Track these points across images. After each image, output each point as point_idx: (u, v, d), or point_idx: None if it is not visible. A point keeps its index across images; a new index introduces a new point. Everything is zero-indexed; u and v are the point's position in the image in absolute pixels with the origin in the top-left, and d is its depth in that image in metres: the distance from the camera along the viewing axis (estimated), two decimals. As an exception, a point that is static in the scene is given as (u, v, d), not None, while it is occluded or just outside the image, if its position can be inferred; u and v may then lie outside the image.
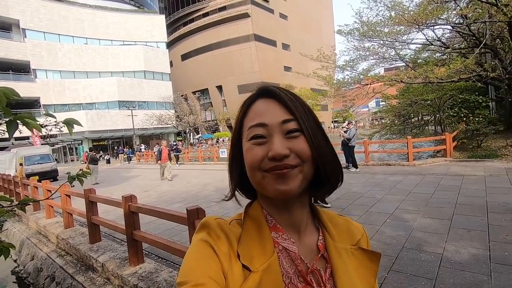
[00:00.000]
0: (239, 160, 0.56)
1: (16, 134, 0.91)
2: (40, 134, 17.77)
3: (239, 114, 0.57)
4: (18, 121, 0.85)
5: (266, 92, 0.54)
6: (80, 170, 1.31)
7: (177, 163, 18.11)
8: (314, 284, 0.51)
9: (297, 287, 0.50)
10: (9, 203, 1.16)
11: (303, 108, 0.53)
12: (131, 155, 27.82)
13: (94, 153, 13.57)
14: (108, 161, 26.35)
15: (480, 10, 10.11)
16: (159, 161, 11.99)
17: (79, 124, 1.07)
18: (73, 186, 4.57)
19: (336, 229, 0.59)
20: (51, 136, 25.26)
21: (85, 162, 14.74)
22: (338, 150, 9.73)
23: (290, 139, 0.51)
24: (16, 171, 15.96)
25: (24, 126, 0.90)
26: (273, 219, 0.55)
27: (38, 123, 0.94)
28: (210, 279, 0.45)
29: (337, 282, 0.52)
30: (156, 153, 13.95)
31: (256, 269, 0.48)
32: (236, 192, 0.61)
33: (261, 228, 0.53)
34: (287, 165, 0.49)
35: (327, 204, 0.65)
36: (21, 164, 15.79)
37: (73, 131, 1.09)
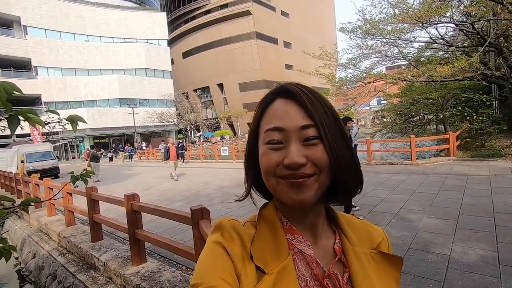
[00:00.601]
0: (255, 159, 0.54)
1: (18, 131, 0.86)
2: (42, 131, 17.76)
3: (257, 113, 0.54)
4: (19, 117, 0.80)
5: (286, 91, 0.51)
6: (84, 169, 1.27)
7: (183, 161, 18.06)
8: None
9: None
10: (11, 203, 1.11)
11: (325, 110, 0.50)
12: (132, 153, 27.83)
13: (96, 151, 13.50)
14: (111, 159, 26.36)
15: (485, 8, 10.01)
16: (167, 160, 11.73)
17: (83, 120, 1.02)
18: (77, 186, 4.49)
19: (355, 232, 0.57)
20: (53, 133, 25.28)
21: (87, 160, 14.70)
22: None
23: (308, 147, 0.48)
24: (17, 168, 15.95)
25: (26, 122, 0.85)
26: (288, 221, 0.54)
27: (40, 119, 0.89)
28: (223, 281, 0.44)
29: (355, 287, 0.50)
30: (162, 151, 13.80)
31: (270, 271, 0.47)
32: (252, 191, 0.59)
33: (276, 230, 0.52)
34: (303, 174, 0.47)
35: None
36: (22, 162, 15.78)
37: (84, 121, 1.05)
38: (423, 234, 3.89)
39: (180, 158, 15.34)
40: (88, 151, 16.94)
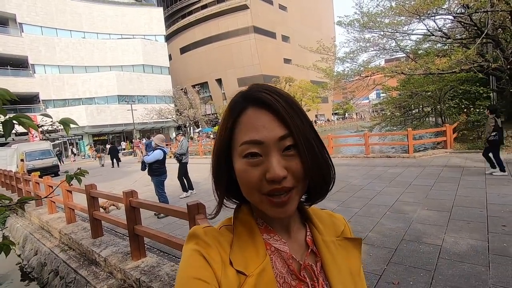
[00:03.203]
0: (226, 171, 0.54)
1: (17, 129, 0.91)
2: (37, 133, 17.94)
3: (228, 122, 0.52)
4: (14, 121, 0.85)
5: (258, 100, 0.50)
6: (78, 169, 1.32)
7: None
8: (307, 279, 0.53)
9: (291, 285, 0.52)
10: (8, 201, 1.16)
11: (300, 117, 0.50)
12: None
13: (102, 146, 14.32)
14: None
15: (482, 0, 9.97)
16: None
17: (75, 123, 1.07)
18: (71, 185, 4.54)
19: (322, 223, 0.61)
20: (51, 131, 25.26)
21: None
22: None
23: (287, 158, 0.48)
24: (17, 167, 16.02)
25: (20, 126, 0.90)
26: (263, 221, 0.56)
27: (34, 123, 0.94)
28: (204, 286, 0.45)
29: (327, 274, 0.55)
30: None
31: (251, 273, 0.48)
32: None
33: (253, 231, 0.54)
34: (285, 188, 0.48)
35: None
36: (22, 160, 15.85)
37: (73, 126, 1.09)
38: (417, 225, 3.97)
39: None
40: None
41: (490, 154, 6.37)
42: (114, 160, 18.72)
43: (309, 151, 0.49)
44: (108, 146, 28.01)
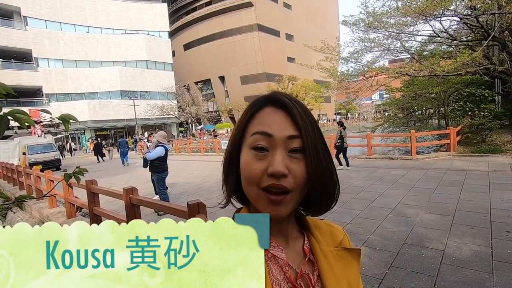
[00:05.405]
0: (236, 163, 0.55)
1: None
2: (39, 127, 17.95)
3: (245, 115, 0.55)
4: (9, 117, 0.81)
5: (277, 101, 0.53)
6: (77, 167, 1.29)
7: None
8: None
9: None
10: (5, 200, 1.13)
11: (312, 126, 0.52)
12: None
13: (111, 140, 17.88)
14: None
15: (490, 1, 9.84)
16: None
17: (75, 119, 1.03)
18: (70, 183, 4.48)
19: (320, 233, 0.61)
20: (53, 125, 25.25)
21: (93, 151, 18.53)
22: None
23: (292, 159, 0.50)
24: (19, 160, 16.08)
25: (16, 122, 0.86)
26: None
27: (33, 119, 0.90)
28: None
29: (324, 283, 0.54)
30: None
31: None
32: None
33: None
34: (283, 187, 0.48)
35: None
36: (24, 153, 15.90)
37: (76, 120, 1.06)
38: (419, 229, 3.93)
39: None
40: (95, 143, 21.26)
41: (347, 156, 8.95)
42: (98, 156, 20.02)
43: (315, 158, 0.50)
44: (119, 141, 28.26)
